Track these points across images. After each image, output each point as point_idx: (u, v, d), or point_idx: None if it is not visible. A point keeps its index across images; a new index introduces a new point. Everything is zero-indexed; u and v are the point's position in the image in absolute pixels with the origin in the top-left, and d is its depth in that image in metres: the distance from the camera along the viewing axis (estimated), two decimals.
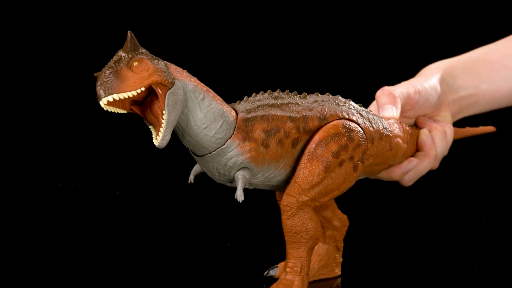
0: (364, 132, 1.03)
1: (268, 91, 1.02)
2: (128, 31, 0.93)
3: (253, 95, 1.01)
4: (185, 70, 0.97)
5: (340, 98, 1.05)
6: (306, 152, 1.00)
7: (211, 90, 0.97)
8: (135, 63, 0.92)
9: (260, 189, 1.05)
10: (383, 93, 1.14)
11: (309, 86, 1.18)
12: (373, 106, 1.19)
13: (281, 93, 1.02)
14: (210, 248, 1.25)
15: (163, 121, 0.92)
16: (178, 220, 1.44)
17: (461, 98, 1.27)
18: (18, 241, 1.28)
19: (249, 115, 0.98)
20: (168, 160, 1.71)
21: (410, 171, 1.14)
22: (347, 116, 1.03)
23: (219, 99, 0.97)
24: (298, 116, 1.00)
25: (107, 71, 0.92)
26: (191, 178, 1.04)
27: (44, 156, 1.76)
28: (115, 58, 0.93)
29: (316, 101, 1.03)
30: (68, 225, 1.37)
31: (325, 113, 1.02)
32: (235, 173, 0.98)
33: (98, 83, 0.91)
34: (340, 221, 1.11)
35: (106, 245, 1.25)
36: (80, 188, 1.62)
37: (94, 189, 1.62)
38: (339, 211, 1.12)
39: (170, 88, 0.93)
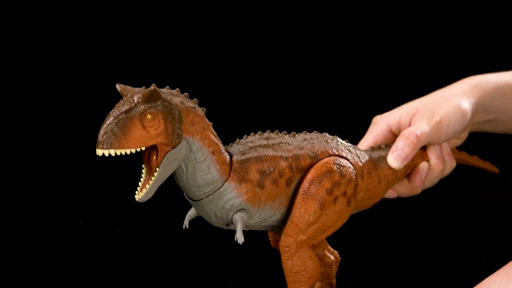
0: (354, 167, 1.04)
1: (258, 132, 1.02)
2: (153, 84, 0.90)
3: (244, 137, 1.02)
4: (203, 113, 0.96)
5: (327, 135, 1.07)
6: (300, 191, 1.01)
7: (216, 147, 0.96)
8: (149, 116, 0.90)
9: (257, 230, 1.05)
10: (407, 137, 1.12)
11: (294, 122, 1.18)
12: (367, 140, 1.19)
13: (271, 133, 1.03)
14: (210, 286, 1.24)
15: (153, 177, 0.92)
16: (180, 258, 1.43)
17: (487, 120, 1.25)
18: (19, 279, 1.28)
19: (243, 157, 0.99)
20: (170, 198, 1.71)
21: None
22: (337, 153, 1.04)
23: (220, 159, 0.96)
24: (290, 155, 1.01)
25: (116, 115, 0.89)
26: (186, 223, 1.04)
27: (45, 194, 1.76)
28: (130, 103, 0.90)
29: (305, 139, 1.04)
30: (69, 264, 1.37)
31: (316, 150, 1.03)
32: (232, 216, 0.98)
33: (103, 127, 0.89)
34: (331, 257, 1.11)
35: (107, 284, 1.25)
36: (81, 226, 1.62)
37: (95, 227, 1.62)
38: (330, 247, 1.12)
39: (172, 149, 0.92)
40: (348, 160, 1.04)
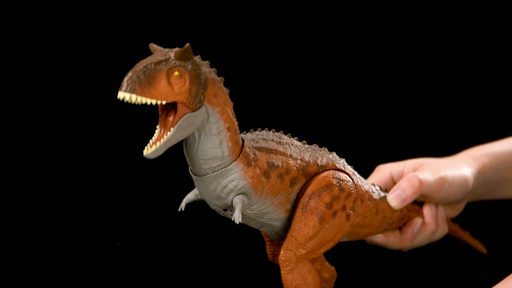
0: (356, 188, 1.05)
1: (272, 130, 1.04)
2: (188, 44, 0.92)
3: (258, 129, 1.04)
4: (227, 92, 0.98)
5: (335, 154, 1.08)
6: (300, 205, 1.02)
7: (232, 126, 0.97)
8: (176, 73, 0.91)
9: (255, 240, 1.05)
10: (410, 180, 1.14)
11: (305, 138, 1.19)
12: (374, 178, 1.20)
13: (283, 135, 1.05)
14: None
15: (165, 136, 0.93)
16: (180, 273, 1.43)
17: (487, 190, 1.27)
18: None
19: (255, 145, 1.00)
20: (170, 211, 1.72)
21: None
22: (343, 168, 1.06)
23: (233, 138, 0.97)
24: (299, 157, 1.03)
25: (146, 65, 0.91)
26: (183, 205, 1.04)
27: (44, 207, 1.76)
28: (162, 56, 0.92)
29: (314, 150, 1.06)
30: (69, 278, 1.37)
31: (324, 160, 1.05)
32: (233, 198, 0.98)
33: (130, 73, 0.90)
34: (328, 272, 1.12)
35: None
36: (81, 240, 1.62)
37: (95, 240, 1.62)
38: (327, 263, 1.12)
39: (191, 112, 0.93)
40: (351, 178, 1.06)
